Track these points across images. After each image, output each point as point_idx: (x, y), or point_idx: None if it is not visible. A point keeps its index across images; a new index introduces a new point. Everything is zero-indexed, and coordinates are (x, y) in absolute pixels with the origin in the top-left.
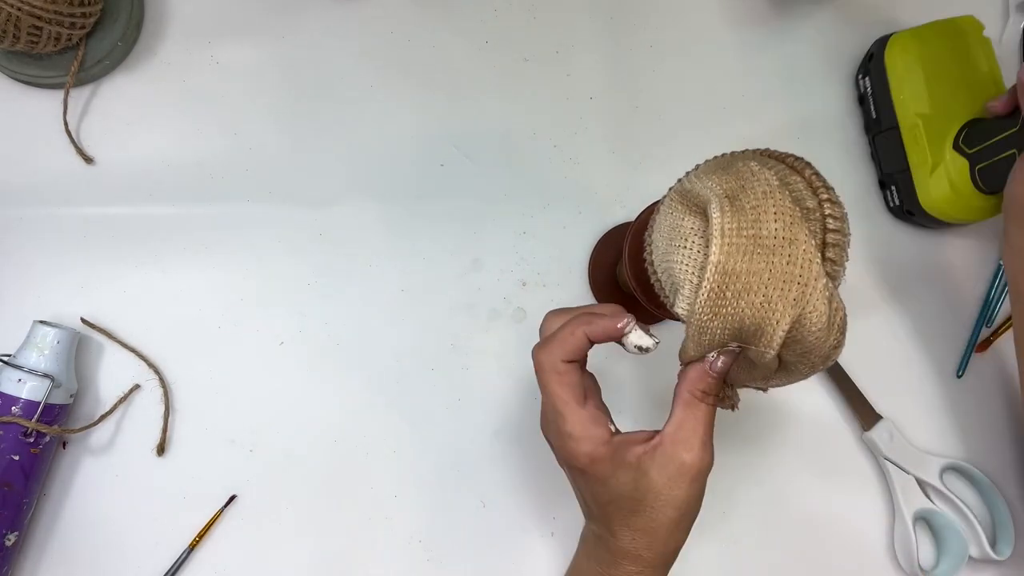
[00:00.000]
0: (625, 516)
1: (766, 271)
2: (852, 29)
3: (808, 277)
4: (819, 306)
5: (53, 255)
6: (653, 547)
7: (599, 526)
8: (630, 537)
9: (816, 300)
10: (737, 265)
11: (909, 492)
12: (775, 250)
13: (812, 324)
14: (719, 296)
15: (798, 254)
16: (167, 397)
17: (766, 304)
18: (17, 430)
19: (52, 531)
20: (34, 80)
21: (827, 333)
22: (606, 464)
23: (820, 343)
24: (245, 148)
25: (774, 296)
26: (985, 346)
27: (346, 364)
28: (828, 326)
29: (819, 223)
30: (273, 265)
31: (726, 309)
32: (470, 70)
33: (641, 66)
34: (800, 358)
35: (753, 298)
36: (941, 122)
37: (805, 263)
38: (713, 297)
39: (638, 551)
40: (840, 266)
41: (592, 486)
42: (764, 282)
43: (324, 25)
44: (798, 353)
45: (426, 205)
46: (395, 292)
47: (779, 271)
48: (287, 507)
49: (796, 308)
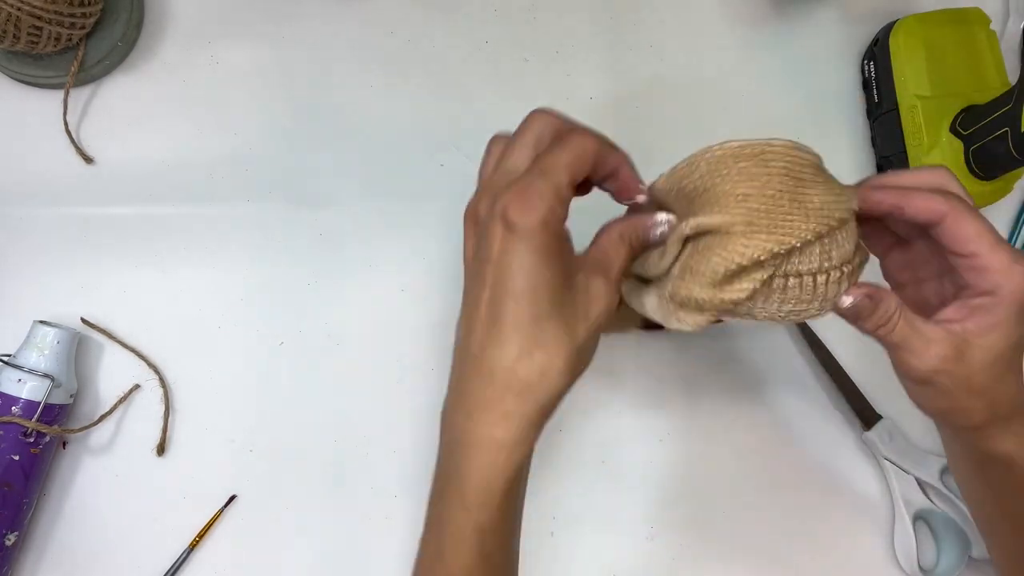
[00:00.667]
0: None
1: (760, 181)
2: (853, 28)
3: (779, 227)
4: (750, 248)
5: (53, 255)
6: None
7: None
8: None
9: (757, 243)
10: (744, 166)
11: (909, 492)
12: (781, 192)
13: (731, 250)
14: (719, 162)
15: (793, 213)
16: (167, 397)
17: (738, 197)
18: (17, 430)
19: (52, 531)
20: (34, 80)
21: (719, 269)
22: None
23: (707, 271)
24: (245, 148)
25: (745, 197)
26: None
27: (346, 364)
28: (725, 272)
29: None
30: (273, 265)
31: (711, 172)
32: (470, 70)
33: (641, 66)
34: (685, 274)
35: (729, 185)
36: (940, 105)
37: (786, 222)
38: (714, 158)
39: None
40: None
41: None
42: (751, 183)
43: (324, 25)
44: (688, 267)
45: (426, 205)
46: (395, 292)
47: (767, 197)
48: (287, 507)
49: (744, 218)
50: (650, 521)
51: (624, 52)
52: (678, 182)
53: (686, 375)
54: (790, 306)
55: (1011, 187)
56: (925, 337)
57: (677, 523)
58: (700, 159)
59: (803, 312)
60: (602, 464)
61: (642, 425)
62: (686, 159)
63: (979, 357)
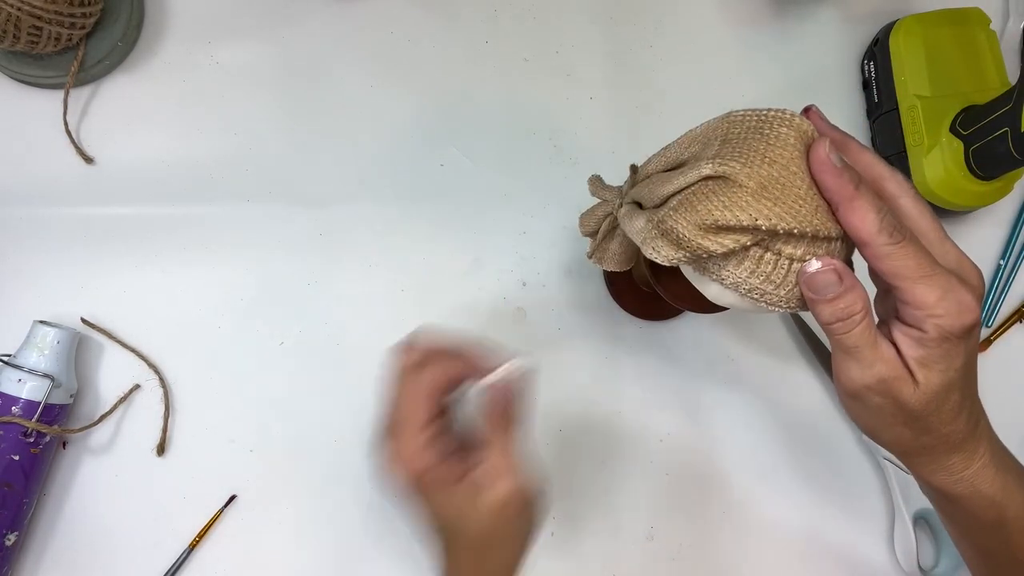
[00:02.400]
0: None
1: (746, 146)
2: (853, 28)
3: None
4: (749, 209)
5: (53, 255)
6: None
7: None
8: None
9: (734, 209)
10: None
11: (909, 492)
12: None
13: (733, 202)
14: (766, 122)
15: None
16: (167, 397)
17: (766, 159)
18: (17, 430)
19: (52, 531)
20: (34, 80)
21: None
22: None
23: (702, 211)
24: (245, 148)
25: (772, 161)
26: (985, 346)
27: (346, 364)
28: (716, 221)
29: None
30: (273, 265)
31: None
32: (470, 70)
33: (641, 66)
34: (681, 207)
35: (764, 145)
36: (940, 105)
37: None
38: (767, 118)
39: None
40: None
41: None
42: (782, 152)
43: (324, 25)
44: (687, 200)
45: (426, 205)
46: (395, 292)
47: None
48: (287, 507)
49: (760, 181)
50: (650, 521)
51: (624, 52)
52: (723, 127)
53: (686, 376)
54: (756, 281)
55: (1011, 187)
56: (878, 352)
57: (677, 523)
58: (752, 115)
59: (766, 294)
60: (602, 464)
61: (642, 425)
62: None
63: (910, 390)
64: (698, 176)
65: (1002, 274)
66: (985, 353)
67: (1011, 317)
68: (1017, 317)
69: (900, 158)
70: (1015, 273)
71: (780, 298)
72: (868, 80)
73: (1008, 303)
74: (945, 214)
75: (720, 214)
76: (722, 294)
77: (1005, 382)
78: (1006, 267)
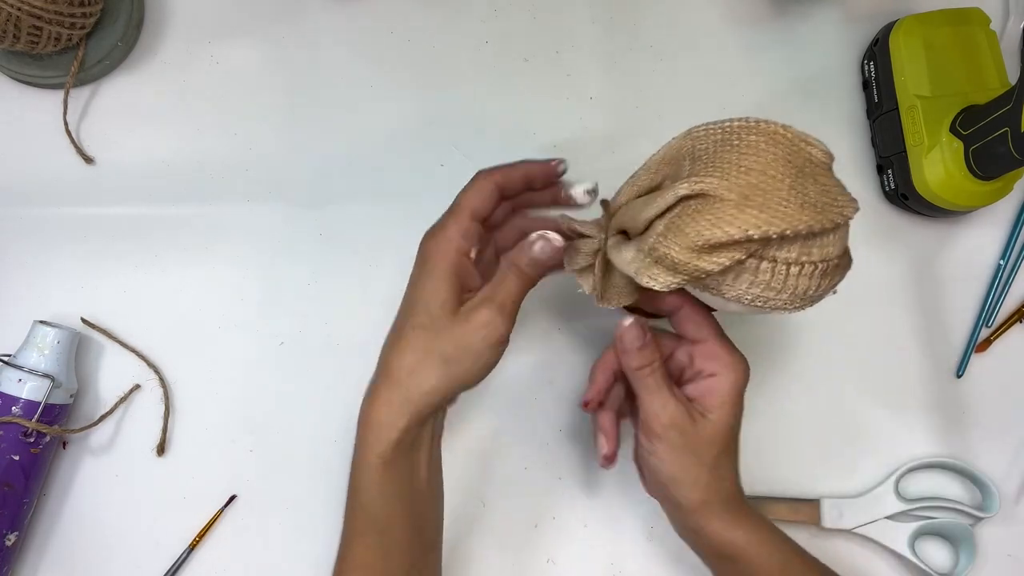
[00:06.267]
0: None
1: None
2: (853, 28)
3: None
4: (738, 221)
5: (53, 255)
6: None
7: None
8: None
9: (723, 223)
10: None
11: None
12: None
13: (719, 218)
14: (732, 132)
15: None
16: (167, 397)
17: (741, 168)
18: (17, 430)
19: (52, 531)
20: (34, 80)
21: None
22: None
23: (691, 233)
24: (245, 148)
25: (748, 170)
26: (985, 346)
27: (346, 364)
28: (708, 240)
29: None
30: (273, 265)
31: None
32: (470, 70)
33: (641, 66)
34: (669, 232)
35: (736, 155)
36: (940, 105)
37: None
38: (731, 128)
39: None
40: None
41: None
42: (756, 158)
43: (324, 25)
44: (674, 225)
45: (426, 205)
46: (395, 292)
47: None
48: (287, 507)
49: (741, 191)
50: (650, 521)
51: (624, 52)
52: (687, 145)
53: None
54: (758, 290)
55: (1011, 187)
56: (674, 392)
57: None
58: (716, 128)
59: (769, 300)
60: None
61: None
62: (700, 128)
63: (705, 429)
64: (675, 197)
65: (1002, 274)
66: (985, 353)
67: (1011, 317)
68: (1017, 317)
69: (900, 158)
70: (1015, 273)
71: (784, 302)
72: (868, 80)
73: (1008, 303)
74: (945, 214)
75: (710, 232)
76: (726, 305)
77: (1005, 382)
78: (1006, 267)
